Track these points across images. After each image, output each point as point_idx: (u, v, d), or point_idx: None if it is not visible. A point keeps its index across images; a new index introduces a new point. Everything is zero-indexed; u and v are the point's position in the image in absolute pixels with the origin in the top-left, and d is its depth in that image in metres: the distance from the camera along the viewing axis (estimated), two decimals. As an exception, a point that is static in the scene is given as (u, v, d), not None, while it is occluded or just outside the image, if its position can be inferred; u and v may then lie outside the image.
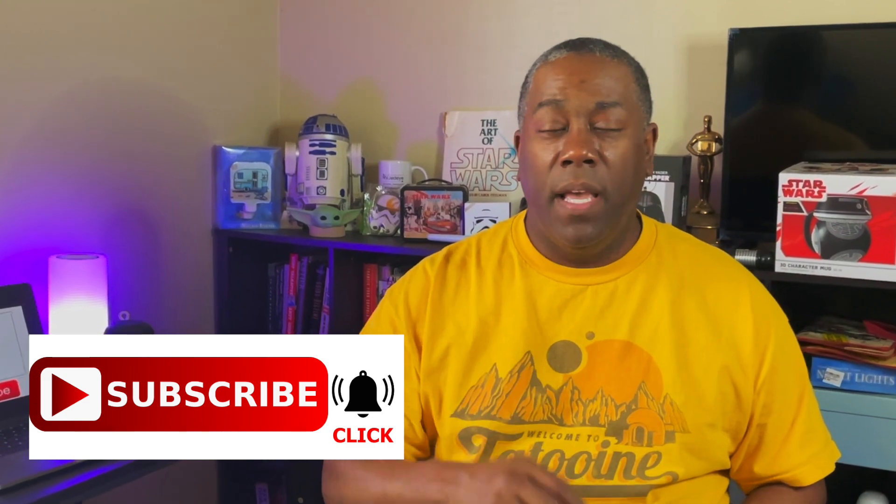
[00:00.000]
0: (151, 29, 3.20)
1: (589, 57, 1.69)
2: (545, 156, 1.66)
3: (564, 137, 1.65)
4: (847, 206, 2.36)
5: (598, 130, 1.65)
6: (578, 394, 1.69)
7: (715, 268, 1.80)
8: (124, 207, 3.14)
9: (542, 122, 1.67)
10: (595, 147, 1.63)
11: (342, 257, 3.23)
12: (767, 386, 1.72)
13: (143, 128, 3.19)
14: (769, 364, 1.72)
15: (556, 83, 1.67)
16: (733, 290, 1.76)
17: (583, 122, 1.64)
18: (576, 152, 1.62)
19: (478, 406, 1.72)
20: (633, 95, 1.69)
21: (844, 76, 2.68)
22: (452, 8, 3.45)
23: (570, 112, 1.65)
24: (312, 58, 3.74)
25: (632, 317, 1.71)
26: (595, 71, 1.66)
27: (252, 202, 3.47)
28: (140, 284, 3.20)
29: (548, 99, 1.67)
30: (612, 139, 1.65)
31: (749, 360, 1.71)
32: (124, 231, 3.14)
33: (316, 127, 3.32)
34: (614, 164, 1.65)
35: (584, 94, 1.65)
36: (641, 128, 1.71)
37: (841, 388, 2.41)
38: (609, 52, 1.70)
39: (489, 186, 3.33)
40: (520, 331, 1.74)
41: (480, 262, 1.83)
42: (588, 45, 1.70)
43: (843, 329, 2.55)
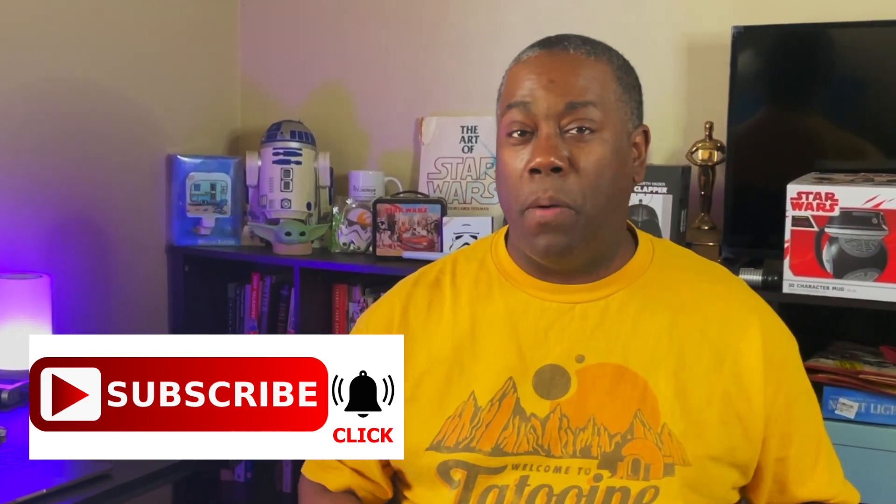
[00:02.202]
0: (99, 25, 3.19)
1: (561, 55, 1.67)
2: (515, 164, 1.66)
3: (533, 143, 1.64)
4: (862, 221, 2.36)
5: (568, 134, 1.64)
6: (567, 422, 1.66)
7: (717, 287, 1.78)
8: (69, 222, 3.13)
9: (511, 127, 1.67)
10: (564, 154, 1.62)
11: (309, 277, 3.23)
12: (784, 415, 1.71)
13: (91, 134, 3.19)
14: (785, 391, 1.71)
15: (526, 84, 1.66)
16: (738, 312, 1.74)
17: (552, 125, 1.63)
18: (542, 160, 1.61)
19: (455, 437, 1.70)
20: (612, 95, 1.67)
21: (859, 78, 2.68)
22: (429, 3, 3.47)
23: (539, 115, 1.64)
24: (276, 58, 3.74)
25: (625, 338, 1.68)
26: (566, 69, 1.65)
27: (210, 216, 3.45)
28: (87, 307, 3.19)
29: (516, 101, 1.66)
30: (585, 143, 1.63)
31: (757, 390, 1.69)
32: (69, 248, 3.13)
33: (280, 134, 3.33)
34: (586, 172, 1.62)
35: (553, 95, 1.63)
36: (624, 131, 1.68)
37: (855, 420, 2.40)
38: (586, 48, 1.68)
39: (470, 199, 3.32)
40: (500, 355, 1.71)
41: (455, 281, 1.82)
42: (562, 43, 1.69)
43: (857, 355, 2.54)
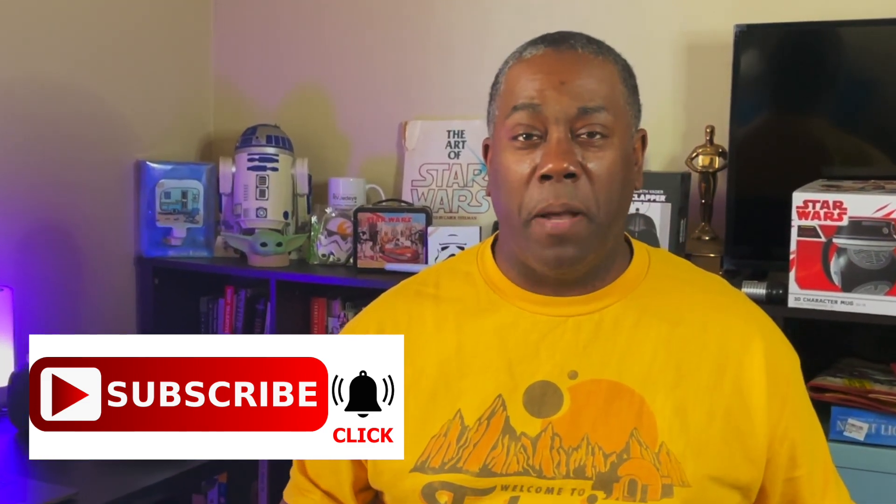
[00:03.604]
0: (63, 23, 3.19)
1: (569, 54, 1.68)
2: (520, 169, 1.65)
3: (542, 148, 1.64)
4: (872, 231, 2.37)
5: (580, 139, 1.64)
6: (560, 441, 1.66)
7: (717, 299, 1.79)
8: (31, 232, 3.13)
9: (516, 130, 1.66)
10: (577, 159, 1.63)
11: (286, 290, 3.23)
12: (791, 434, 1.71)
13: (55, 139, 3.19)
14: (791, 412, 1.71)
15: (533, 84, 1.66)
16: (739, 324, 1.74)
17: (563, 129, 1.63)
18: (555, 165, 1.61)
19: (440, 458, 1.69)
20: (621, 98, 1.69)
21: (869, 79, 2.71)
22: (414, 1, 3.47)
23: (549, 118, 1.64)
24: (251, 58, 3.76)
25: (621, 353, 1.68)
26: (577, 70, 1.66)
27: (181, 226, 3.46)
28: (51, 321, 3.17)
29: (523, 103, 1.66)
30: (597, 149, 1.64)
31: (760, 407, 1.69)
32: (32, 260, 3.13)
33: (255, 139, 3.34)
34: (599, 178, 1.64)
35: (565, 98, 1.63)
36: (629, 135, 1.70)
37: (864, 443, 2.40)
38: (592, 48, 1.70)
39: (456, 208, 3.33)
40: (489, 371, 1.71)
41: (439, 295, 1.82)
42: (569, 41, 1.70)
43: (867, 374, 2.54)
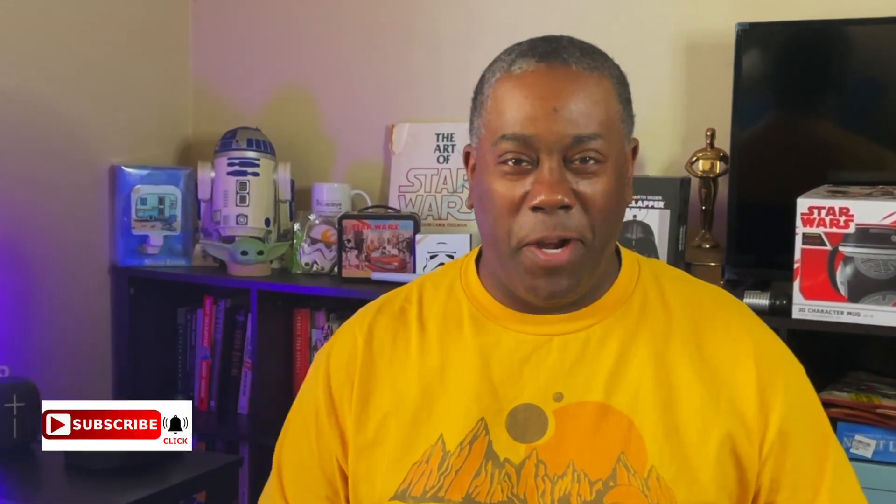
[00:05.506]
0: (33, 22, 3.18)
1: (563, 72, 1.64)
2: (509, 194, 1.63)
3: (533, 175, 1.62)
4: (880, 239, 2.38)
5: (573, 165, 1.63)
6: (545, 468, 1.66)
7: (713, 312, 1.77)
8: (0, 240, 3.11)
9: (504, 156, 1.64)
10: (570, 187, 1.62)
11: (267, 301, 3.24)
12: (775, 455, 1.68)
13: (25, 144, 3.20)
14: (776, 428, 1.68)
15: (523, 111, 1.63)
16: (734, 338, 1.73)
17: (556, 159, 1.61)
18: (548, 197, 1.59)
19: (422, 486, 1.69)
20: (616, 117, 1.66)
21: (876, 80, 2.71)
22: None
23: (541, 148, 1.62)
24: (231, 59, 3.77)
25: (608, 374, 1.67)
26: (570, 93, 1.62)
27: (158, 234, 3.46)
28: (21, 334, 3.18)
29: (513, 133, 1.63)
30: (591, 174, 1.62)
31: (754, 424, 1.68)
32: (1, 270, 3.11)
33: (235, 143, 3.35)
34: (594, 205, 1.62)
35: (559, 127, 1.61)
36: (623, 153, 1.69)
37: (872, 460, 2.40)
38: (586, 61, 1.66)
39: (446, 214, 3.33)
40: (471, 394, 1.70)
41: (422, 313, 1.81)
42: (561, 55, 1.66)
43: (874, 388, 2.54)
